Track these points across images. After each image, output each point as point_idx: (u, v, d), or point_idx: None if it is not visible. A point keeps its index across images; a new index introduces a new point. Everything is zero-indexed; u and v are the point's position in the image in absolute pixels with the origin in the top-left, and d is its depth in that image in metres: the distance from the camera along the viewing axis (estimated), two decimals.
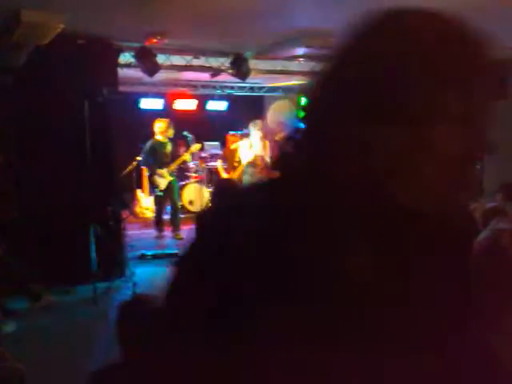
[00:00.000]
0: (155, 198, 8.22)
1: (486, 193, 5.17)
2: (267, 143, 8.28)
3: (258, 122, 8.24)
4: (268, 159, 8.22)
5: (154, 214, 8.54)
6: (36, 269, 5.27)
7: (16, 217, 5.48)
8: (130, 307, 2.19)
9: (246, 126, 8.43)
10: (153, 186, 8.16)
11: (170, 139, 8.14)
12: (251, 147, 8.18)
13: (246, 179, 8.01)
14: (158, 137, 8.03)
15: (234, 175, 8.47)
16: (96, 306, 5.15)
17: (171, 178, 8.08)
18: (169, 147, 8.10)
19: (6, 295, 5.01)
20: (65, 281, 5.50)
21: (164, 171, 7.99)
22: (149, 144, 8.01)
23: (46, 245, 5.54)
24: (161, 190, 8.03)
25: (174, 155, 8.19)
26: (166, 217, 8.56)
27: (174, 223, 8.22)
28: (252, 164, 8.15)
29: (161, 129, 7.98)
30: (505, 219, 2.91)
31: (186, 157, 8.37)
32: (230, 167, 8.75)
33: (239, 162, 8.40)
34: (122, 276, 6.03)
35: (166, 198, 8.23)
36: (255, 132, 8.15)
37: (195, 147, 8.45)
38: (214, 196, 4.55)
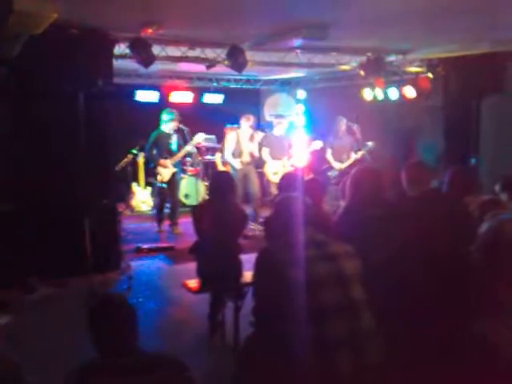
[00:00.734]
0: (158, 190, 8.09)
1: (484, 187, 5.16)
2: (256, 138, 8.21)
3: (251, 116, 8.18)
4: (256, 154, 8.16)
5: (153, 207, 8.41)
6: (31, 261, 5.24)
7: (11, 209, 5.43)
8: (100, 307, 2.17)
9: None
10: (155, 177, 8.06)
11: (175, 131, 8.08)
12: (238, 141, 8.12)
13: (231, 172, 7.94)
14: (164, 128, 7.97)
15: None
16: (91, 298, 5.12)
17: (175, 170, 8.00)
18: (174, 138, 8.03)
19: (1, 287, 4.97)
20: (60, 273, 5.47)
21: (168, 162, 7.91)
22: (154, 135, 7.94)
23: (41, 237, 5.50)
24: (164, 182, 7.94)
25: (179, 147, 8.12)
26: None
27: (173, 217, 8.13)
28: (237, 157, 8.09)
29: (166, 119, 7.92)
30: (503, 210, 2.89)
31: (190, 148, 8.27)
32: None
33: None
34: (117, 269, 6.01)
35: (167, 191, 8.12)
36: (245, 126, 8.09)
37: (197, 139, 8.28)
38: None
